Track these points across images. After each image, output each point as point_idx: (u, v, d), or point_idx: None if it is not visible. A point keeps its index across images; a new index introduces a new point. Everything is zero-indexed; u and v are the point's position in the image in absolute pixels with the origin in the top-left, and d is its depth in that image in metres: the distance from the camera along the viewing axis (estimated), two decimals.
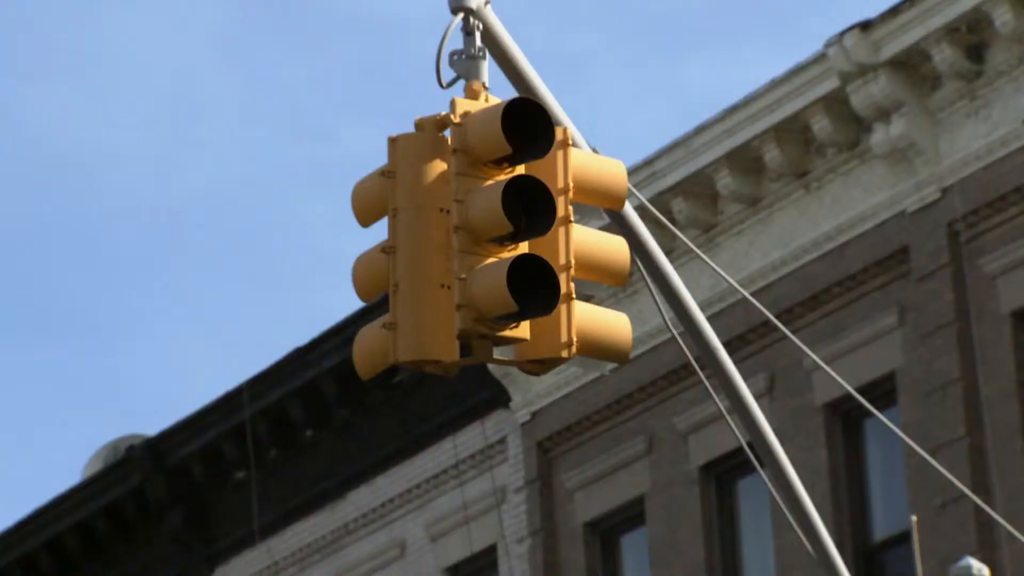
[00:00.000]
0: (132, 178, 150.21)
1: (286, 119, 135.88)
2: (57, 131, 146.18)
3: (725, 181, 37.68)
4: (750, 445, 17.55)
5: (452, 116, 14.94)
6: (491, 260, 14.41)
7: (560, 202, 15.18)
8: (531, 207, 14.98)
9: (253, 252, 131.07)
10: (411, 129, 14.73)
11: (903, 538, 33.81)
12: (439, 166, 15.37)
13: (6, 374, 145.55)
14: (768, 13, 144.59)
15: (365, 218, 15.44)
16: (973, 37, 35.10)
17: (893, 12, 35.73)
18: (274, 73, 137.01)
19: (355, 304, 17.61)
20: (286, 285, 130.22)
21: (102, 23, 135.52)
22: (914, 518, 31.46)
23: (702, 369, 18.13)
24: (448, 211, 15.19)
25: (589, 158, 15.98)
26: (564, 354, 14.64)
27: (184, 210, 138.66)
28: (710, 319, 18.33)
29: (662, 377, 36.84)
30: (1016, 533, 28.68)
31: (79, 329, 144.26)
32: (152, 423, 47.32)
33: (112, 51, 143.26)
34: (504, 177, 15.03)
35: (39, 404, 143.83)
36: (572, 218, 14.64)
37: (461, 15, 15.62)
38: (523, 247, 14.61)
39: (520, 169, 14.71)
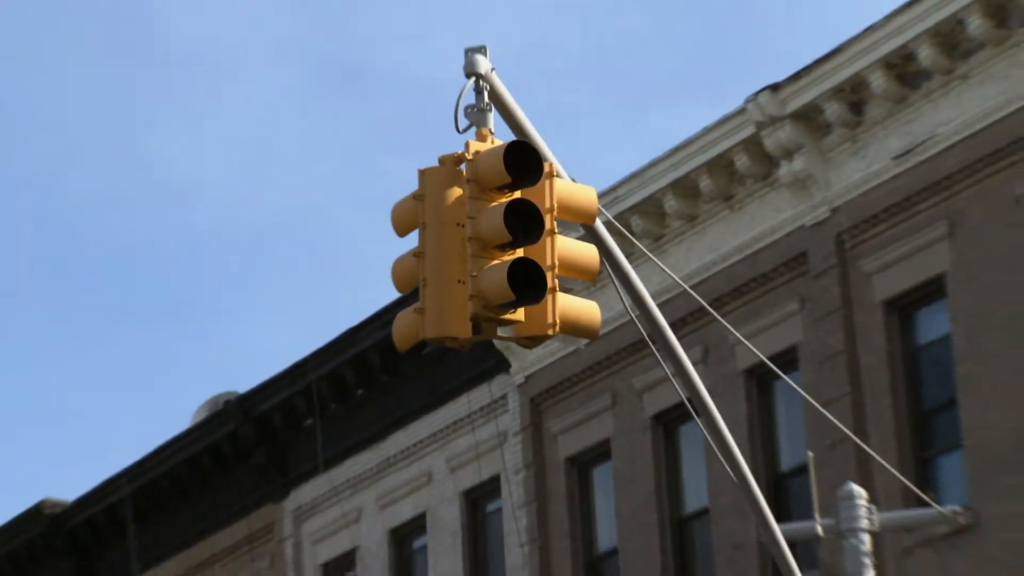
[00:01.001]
0: (227, 200, 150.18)
1: (342, 155, 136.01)
2: (171, 164, 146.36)
3: (671, 203, 38.28)
4: (689, 400, 18.56)
5: (466, 154, 16.43)
6: (495, 262, 15.81)
7: (547, 219, 16.55)
8: (525, 223, 16.29)
9: (317, 256, 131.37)
10: (436, 163, 16.13)
11: (803, 470, 33.49)
12: (456, 191, 16.65)
13: (140, 347, 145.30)
14: (703, 76, 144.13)
15: (401, 230, 16.81)
16: (855, 96, 35.37)
17: (796, 76, 35.99)
18: (334, 120, 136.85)
19: (392, 295, 18.13)
20: (342, 281, 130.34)
21: (209, 80, 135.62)
22: (810, 454, 32.07)
23: (653, 343, 19.28)
24: (463, 225, 16.57)
25: (568, 185, 17.34)
26: (550, 332, 16.14)
27: (266, 225, 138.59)
28: (659, 306, 19.22)
29: (623, 349, 37.58)
30: (887, 465, 29.51)
31: (194, 314, 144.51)
32: (243, 383, 48.17)
33: (216, 102, 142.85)
34: (505, 200, 16.38)
35: (163, 369, 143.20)
36: (556, 231, 15.99)
37: (473, 79, 17.01)
38: (519, 252, 15.99)
39: (517, 194, 15.99)
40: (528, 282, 16.34)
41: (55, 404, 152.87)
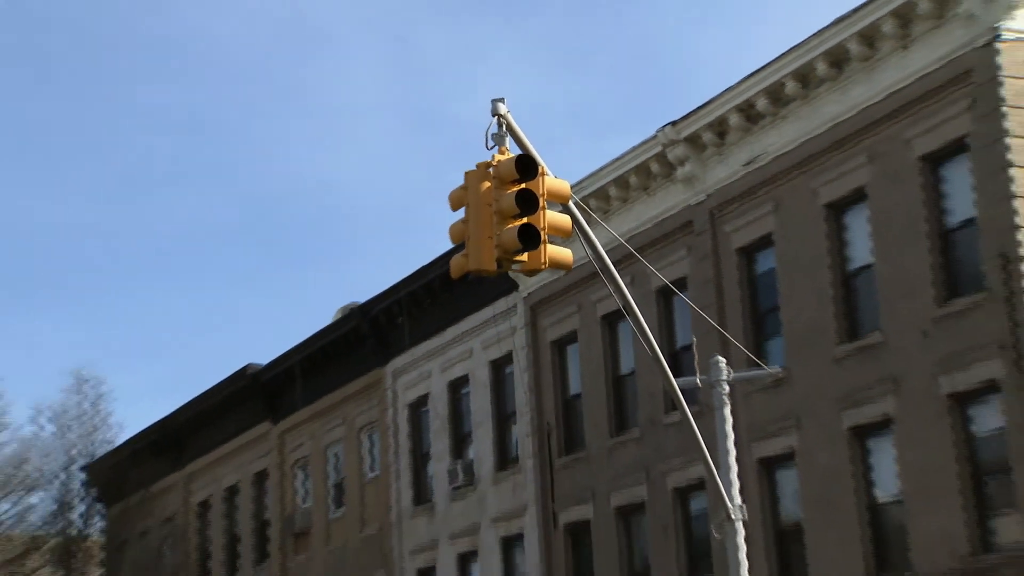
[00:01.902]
0: (350, 188, 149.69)
1: (421, 167, 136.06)
2: (296, 161, 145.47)
3: (614, 190, 38.33)
4: (624, 308, 19.39)
5: (493, 161, 17.41)
6: (510, 226, 17.20)
7: (540, 200, 17.67)
8: (528, 203, 17.32)
9: (408, 223, 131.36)
10: (474, 168, 18.17)
11: (690, 348, 32.41)
12: (487, 184, 17.89)
13: (308, 268, 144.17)
14: (634, 114, 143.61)
15: (454, 207, 18.34)
16: (721, 128, 35.57)
17: (686, 116, 35.83)
18: (413, 147, 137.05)
19: (448, 246, 18.65)
20: (422, 235, 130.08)
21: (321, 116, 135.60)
22: (694, 339, 31.53)
23: (602, 273, 20.17)
24: (491, 205, 17.74)
25: (552, 180, 18.74)
26: (542, 267, 17.67)
27: (379, 202, 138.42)
28: (607, 251, 19.98)
29: (585, 277, 36.64)
30: (739, 345, 29.94)
31: (341, 251, 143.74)
32: (364, 295, 47.65)
33: (322, 130, 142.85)
34: (515, 189, 17.35)
35: (318, 284, 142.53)
36: (545, 207, 17.03)
37: (496, 118, 17.97)
38: (524, 220, 17.06)
39: (522, 185, 17.56)
40: (529, 237, 17.66)
41: (254, 302, 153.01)
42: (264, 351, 55.65)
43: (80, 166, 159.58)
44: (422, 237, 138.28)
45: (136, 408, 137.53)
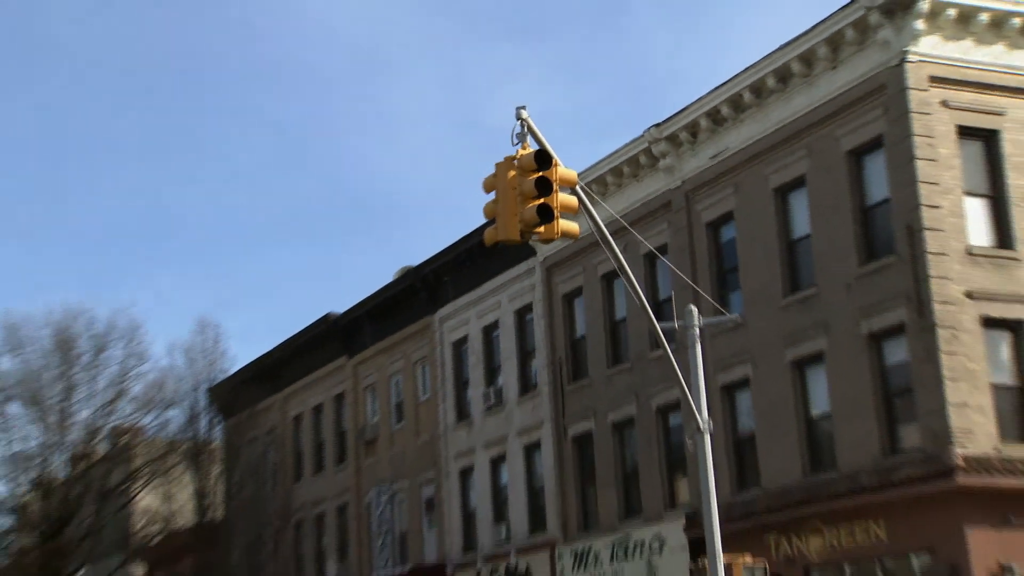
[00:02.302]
0: (408, 177, 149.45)
1: (462, 160, 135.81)
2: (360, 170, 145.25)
3: (611, 179, 38.06)
4: (620, 268, 19.77)
5: (517, 155, 17.97)
6: (530, 205, 17.65)
7: (554, 185, 18.16)
8: (544, 187, 17.88)
9: (453, 206, 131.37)
10: (502, 160, 17.83)
11: (669, 299, 30.86)
12: (512, 172, 18.43)
13: (368, 251, 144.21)
14: (626, 118, 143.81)
15: (487, 190, 18.94)
16: (693, 129, 35.24)
17: (670, 118, 35.84)
18: (456, 146, 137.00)
19: (482, 220, 18.97)
20: (465, 211, 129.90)
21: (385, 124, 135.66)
22: (673, 292, 30.83)
23: (602, 241, 20.54)
24: (515, 188, 18.24)
25: (563, 169, 18.95)
26: (555, 237, 17.98)
27: (431, 194, 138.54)
28: (607, 225, 20.45)
29: (588, 245, 34.87)
30: (708, 297, 29.67)
31: (390, 231, 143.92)
32: (417, 259, 47.21)
33: (386, 132, 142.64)
34: (535, 176, 17.93)
35: (381, 255, 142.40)
36: (558, 191, 17.46)
37: (519, 121, 18.51)
38: (542, 200, 17.66)
39: (540, 173, 17.74)
40: (545, 214, 18.21)
41: (335, 264, 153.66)
42: (341, 302, 55.86)
43: (214, 157, 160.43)
44: (462, 214, 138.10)
45: (246, 344, 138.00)
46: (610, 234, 21.28)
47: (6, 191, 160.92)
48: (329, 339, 52.16)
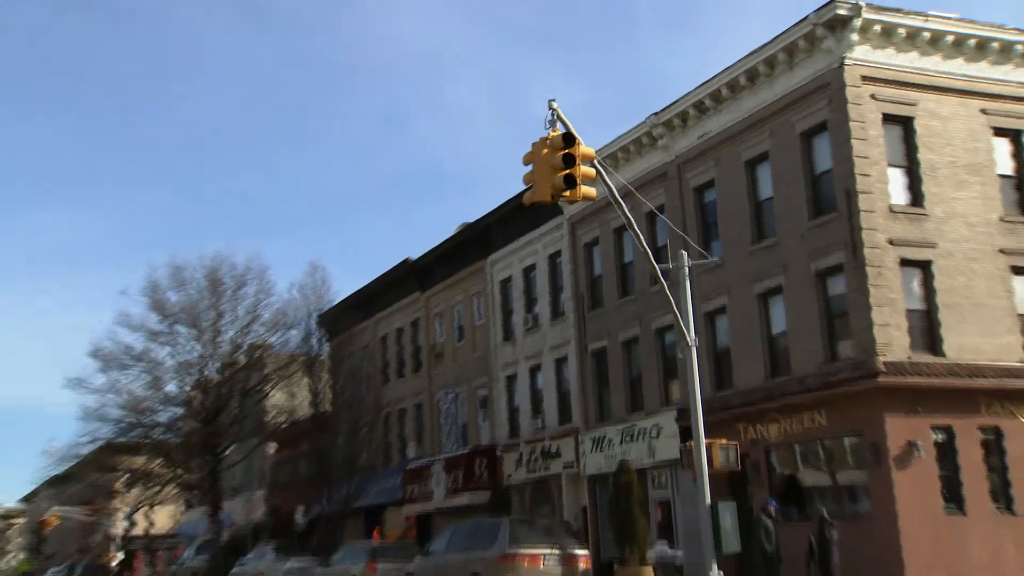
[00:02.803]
0: (465, 155, 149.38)
1: (507, 142, 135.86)
2: (440, 153, 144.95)
3: (623, 157, 37.22)
4: (629, 223, 20.16)
5: (549, 136, 18.35)
6: (559, 174, 17.96)
7: (577, 159, 18.54)
8: (570, 160, 18.25)
9: (504, 175, 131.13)
10: (537, 140, 18.41)
11: (665, 247, 33.28)
12: (545, 150, 18.68)
13: (436, 211, 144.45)
14: (635, 109, 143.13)
15: (526, 163, 19.05)
16: (684, 116, 34.69)
17: (665, 108, 35.28)
18: (502, 131, 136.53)
19: (522, 187, 19.28)
20: (510, 183, 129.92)
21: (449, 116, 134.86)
22: (668, 241, 32.60)
23: (614, 201, 20.89)
24: (548, 162, 18.60)
25: (584, 147, 19.37)
26: (579, 199, 18.26)
27: (484, 168, 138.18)
28: (619, 191, 20.77)
29: (604, 206, 35.01)
30: (693, 243, 29.85)
31: (452, 196, 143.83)
32: (473, 216, 46.63)
33: (449, 121, 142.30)
34: (562, 152, 18.31)
35: (445, 214, 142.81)
36: (581, 163, 17.91)
37: (551, 110, 18.92)
38: (567, 171, 18.09)
39: (567, 150, 17.96)
40: (571, 182, 18.65)
41: (410, 220, 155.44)
42: (416, 249, 56.41)
43: (319, 141, 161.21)
44: (507, 181, 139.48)
45: (345, 282, 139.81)
46: (620, 197, 22.18)
47: (187, 171, 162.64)
48: (407, 278, 52.07)
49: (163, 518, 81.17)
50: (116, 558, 73.39)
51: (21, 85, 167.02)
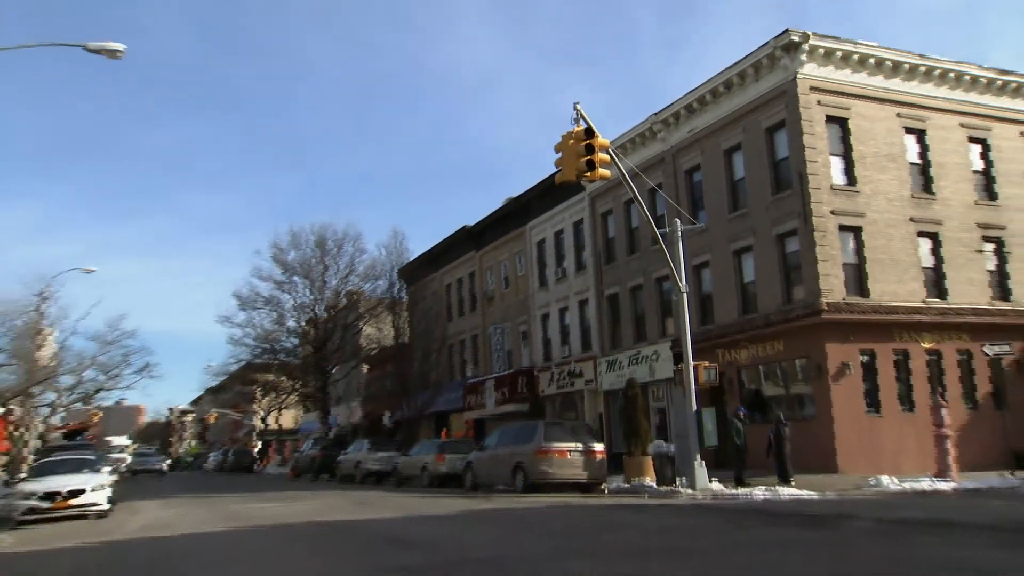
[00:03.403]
0: (512, 148, 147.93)
1: (544, 136, 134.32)
2: (493, 141, 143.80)
3: (630, 148, 36.59)
4: (635, 197, 20.36)
5: (574, 130, 18.80)
6: (582, 159, 18.57)
7: (596, 147, 18.97)
8: (590, 148, 18.88)
9: (536, 156, 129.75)
10: (565, 132, 18.46)
11: (663, 215, 32.97)
12: (571, 140, 19.11)
13: (488, 189, 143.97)
14: (638, 109, 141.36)
15: (557, 151, 19.39)
16: (676, 118, 34.20)
17: (662, 111, 34.61)
18: (541, 129, 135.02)
19: (553, 169, 19.42)
20: (544, 166, 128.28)
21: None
22: (667, 211, 32.41)
23: (624, 180, 21.38)
24: (573, 150, 19.18)
25: (601, 139, 19.62)
26: (596, 179, 18.73)
27: (528, 157, 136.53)
28: (629, 172, 21.14)
29: (615, 185, 34.96)
30: (683, 212, 30.50)
31: (501, 177, 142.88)
32: (516, 191, 46.29)
33: (500, 119, 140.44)
34: (584, 142, 18.84)
35: (495, 190, 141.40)
36: (598, 151, 18.27)
37: (575, 110, 19.36)
38: (588, 157, 18.55)
39: (587, 141, 18.35)
40: (591, 165, 19.17)
41: (468, 197, 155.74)
42: (472, 217, 56.30)
43: (396, 133, 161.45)
44: (542, 165, 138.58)
45: (419, 243, 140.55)
46: (629, 177, 22.35)
47: (301, 161, 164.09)
48: (465, 240, 51.64)
49: (288, 419, 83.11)
50: (256, 446, 75.48)
51: (175, 98, 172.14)
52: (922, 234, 30.42)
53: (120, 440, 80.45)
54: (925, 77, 31.48)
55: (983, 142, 32.25)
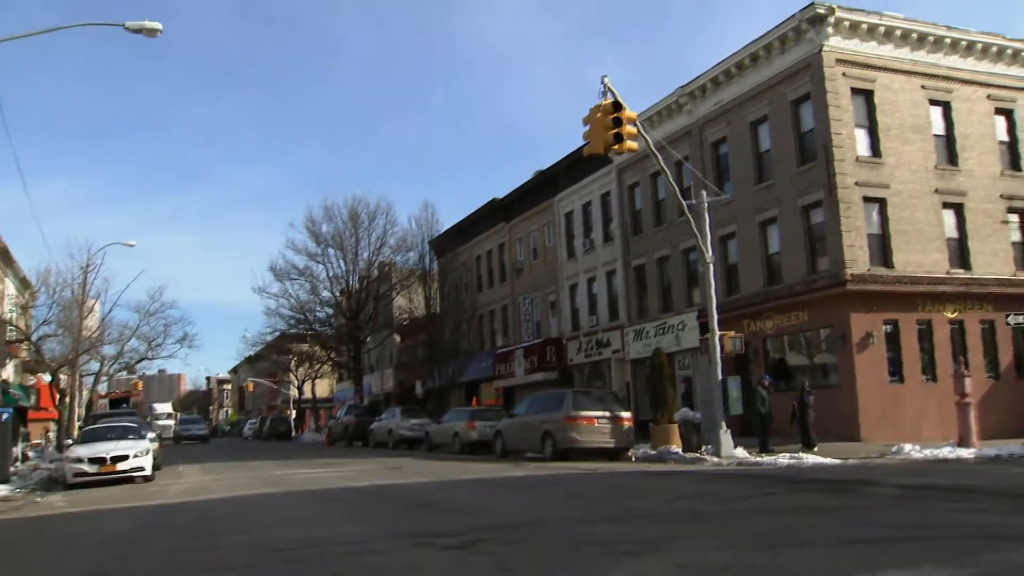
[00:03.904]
0: (543, 122, 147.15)
1: (574, 109, 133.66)
2: (523, 116, 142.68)
3: (658, 119, 36.39)
4: (662, 169, 20.23)
5: (602, 103, 18.65)
6: (609, 132, 18.47)
7: (624, 120, 18.87)
8: (617, 121, 18.73)
9: (566, 133, 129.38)
10: (593, 105, 18.46)
11: (689, 187, 33.00)
12: (599, 113, 19.05)
13: (519, 162, 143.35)
14: (665, 83, 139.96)
15: (585, 124, 19.32)
16: (702, 90, 34.05)
17: (686, 84, 34.55)
18: (572, 103, 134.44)
19: (581, 142, 19.46)
20: (573, 138, 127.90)
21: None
22: (692, 183, 32.58)
23: (651, 152, 21.23)
24: (601, 122, 19.03)
25: (628, 111, 19.54)
26: (623, 151, 18.63)
27: (558, 129, 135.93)
28: (656, 144, 21.04)
29: (643, 157, 34.87)
30: (706, 181, 30.57)
31: (529, 151, 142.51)
32: (544, 164, 46.55)
33: (537, 94, 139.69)
34: (612, 115, 18.77)
35: (524, 163, 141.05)
36: (625, 124, 18.16)
37: (603, 84, 19.22)
38: (616, 129, 18.42)
39: (615, 113, 18.19)
40: (618, 137, 19.05)
41: (500, 172, 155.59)
42: (502, 190, 56.23)
43: (433, 110, 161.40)
44: (570, 138, 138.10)
45: (449, 215, 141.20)
46: (655, 150, 22.27)
47: (334, 137, 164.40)
48: (495, 212, 51.68)
49: (322, 387, 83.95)
50: (292, 414, 76.54)
51: (212, 75, 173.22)
52: (946, 205, 30.28)
53: (166, 407, 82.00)
54: (951, 49, 31.15)
55: (1008, 113, 32.08)
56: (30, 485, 21.85)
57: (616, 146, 18.66)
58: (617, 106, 18.74)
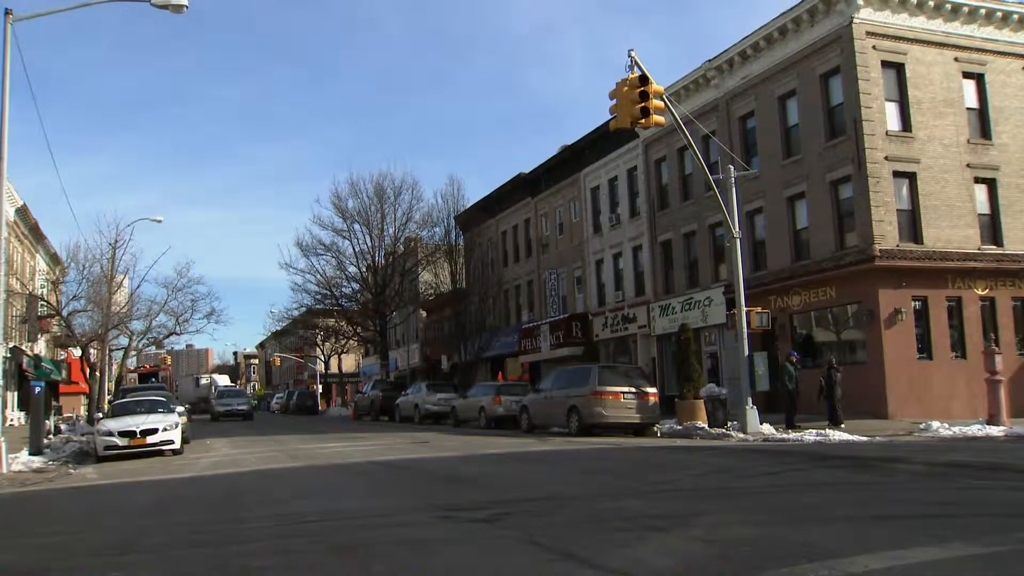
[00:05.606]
0: (572, 97, 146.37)
1: (601, 84, 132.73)
2: (556, 95, 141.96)
3: (683, 95, 36.17)
4: (689, 144, 20.05)
5: (628, 77, 18.49)
6: (636, 106, 18.39)
7: (651, 94, 18.77)
8: (644, 96, 18.65)
9: (595, 110, 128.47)
10: (620, 79, 18.35)
11: (717, 162, 32.73)
12: (625, 88, 18.89)
13: (547, 137, 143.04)
14: (688, 58, 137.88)
15: (612, 97, 19.15)
16: (721, 69, 33.85)
17: (713, 58, 34.36)
18: (598, 77, 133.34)
19: (607, 116, 19.39)
20: (599, 113, 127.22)
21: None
22: (719, 157, 32.68)
23: (677, 127, 21.19)
24: (628, 97, 18.82)
25: (655, 85, 19.42)
26: (650, 126, 18.44)
27: (585, 105, 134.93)
28: (683, 118, 20.83)
29: (670, 132, 34.70)
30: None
31: (555, 126, 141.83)
32: (571, 139, 46.24)
33: (566, 71, 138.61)
34: (639, 89, 18.70)
35: (551, 138, 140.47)
36: (652, 98, 18.12)
37: (630, 57, 19.11)
38: (642, 104, 18.31)
39: (641, 87, 18.06)
40: (645, 112, 18.96)
41: (524, 147, 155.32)
42: (527, 165, 56.03)
43: (459, 86, 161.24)
44: (596, 112, 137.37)
45: (475, 190, 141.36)
46: (682, 124, 22.29)
47: (360, 113, 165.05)
48: (520, 187, 51.65)
49: (349, 362, 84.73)
50: (318, 388, 77.29)
51: (238, 52, 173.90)
52: (978, 180, 29.93)
53: (224, 379, 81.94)
54: (985, 20, 30.67)
55: None
56: (63, 457, 22.17)
57: (643, 120, 18.62)
58: (644, 80, 18.68)
